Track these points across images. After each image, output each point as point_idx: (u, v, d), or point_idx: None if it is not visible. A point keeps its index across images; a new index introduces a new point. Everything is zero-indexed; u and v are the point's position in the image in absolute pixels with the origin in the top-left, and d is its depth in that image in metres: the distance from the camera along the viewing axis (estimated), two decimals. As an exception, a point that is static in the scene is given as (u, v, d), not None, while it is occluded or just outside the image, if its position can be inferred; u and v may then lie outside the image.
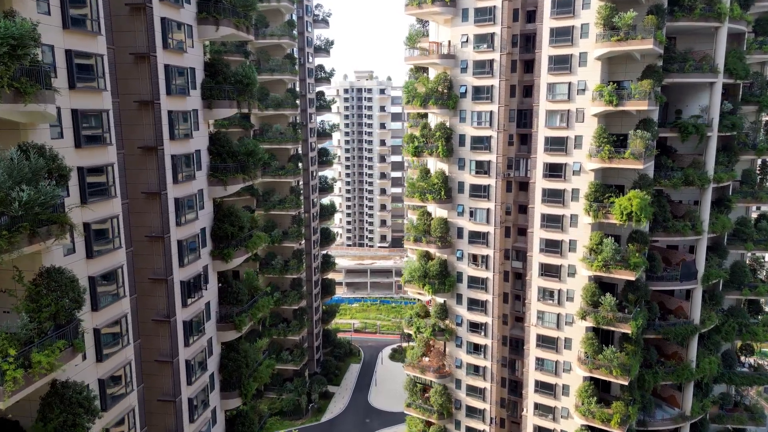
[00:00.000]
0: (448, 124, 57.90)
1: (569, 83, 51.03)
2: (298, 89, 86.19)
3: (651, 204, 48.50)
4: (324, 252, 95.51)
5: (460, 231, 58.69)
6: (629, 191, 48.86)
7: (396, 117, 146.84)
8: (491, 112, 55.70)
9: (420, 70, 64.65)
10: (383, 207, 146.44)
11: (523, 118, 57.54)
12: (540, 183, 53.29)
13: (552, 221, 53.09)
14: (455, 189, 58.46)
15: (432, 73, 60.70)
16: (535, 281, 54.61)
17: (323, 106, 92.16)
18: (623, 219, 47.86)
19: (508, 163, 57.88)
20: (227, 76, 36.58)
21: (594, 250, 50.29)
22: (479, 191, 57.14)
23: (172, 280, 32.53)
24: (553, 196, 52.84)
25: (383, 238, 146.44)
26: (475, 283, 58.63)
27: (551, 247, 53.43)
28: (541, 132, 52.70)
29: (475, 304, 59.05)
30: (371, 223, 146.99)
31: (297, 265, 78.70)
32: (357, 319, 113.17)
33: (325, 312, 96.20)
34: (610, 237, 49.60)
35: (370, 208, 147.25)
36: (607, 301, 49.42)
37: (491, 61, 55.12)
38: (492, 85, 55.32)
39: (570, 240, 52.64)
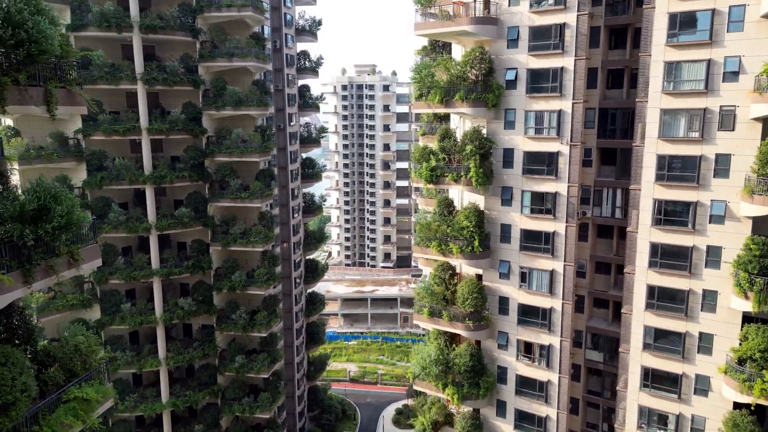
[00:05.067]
0: (484, 131, 34.77)
1: (708, 61, 27.73)
2: (273, 82, 63.31)
3: None
4: (311, 290, 72.66)
5: (503, 303, 35.47)
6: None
7: (402, 117, 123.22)
8: (560, 113, 32.41)
9: (437, 49, 41.45)
10: (387, 221, 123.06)
11: (609, 122, 34.13)
12: (646, 233, 30.12)
13: (667, 298, 29.94)
14: (496, 236, 35.28)
15: (458, 52, 37.55)
16: (634, 395, 31.47)
17: (309, 104, 68.93)
18: (822, 312, 24.73)
19: (583, 195, 34.52)
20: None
21: (752, 359, 27.18)
22: (537, 241, 33.89)
23: None
24: (670, 257, 29.61)
25: (387, 256, 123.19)
26: (529, 387, 35.37)
27: (664, 342, 30.29)
28: (651, 146, 29.50)
29: (528, 421, 35.79)
30: (373, 240, 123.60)
31: (267, 318, 55.29)
32: (354, 363, 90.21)
33: (311, 363, 73.40)
34: (794, 343, 26.39)
35: (372, 222, 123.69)
36: (782, 455, 26.36)
37: (561, 27, 31.76)
38: (561, 68, 31.99)
39: (700, 333, 29.45)
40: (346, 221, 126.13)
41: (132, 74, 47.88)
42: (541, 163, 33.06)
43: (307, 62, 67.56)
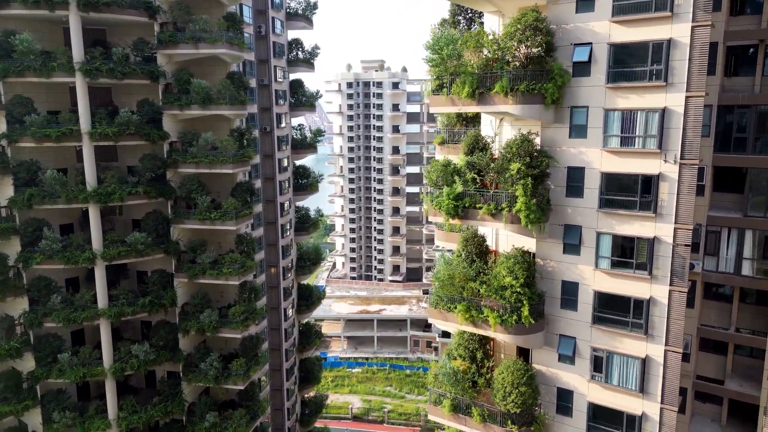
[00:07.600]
0: (537, 141, 22.66)
1: None
2: (257, 76, 51.85)
3: None
4: (305, 320, 61.15)
5: (564, 398, 23.32)
6: None
7: (413, 118, 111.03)
8: (663, 113, 20.14)
9: (462, 23, 29.40)
10: (396, 231, 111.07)
11: (733, 127, 21.89)
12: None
13: None
14: (554, 298, 23.17)
15: (494, 23, 25.37)
16: None
17: (302, 102, 57.15)
18: None
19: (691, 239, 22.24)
20: None
21: None
22: (621, 311, 21.62)
23: None
24: None
25: (396, 269, 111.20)
26: None
27: None
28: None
29: None
30: (381, 251, 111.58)
31: (246, 366, 43.44)
32: (358, 395, 78.42)
33: (305, 405, 61.85)
34: None
35: (380, 232, 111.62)
36: None
37: (667, -23, 19.66)
38: (669, 40, 19.68)
39: None
40: (352, 230, 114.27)
41: (69, 63, 36.37)
42: (631, 192, 20.69)
43: (300, 52, 55.83)
